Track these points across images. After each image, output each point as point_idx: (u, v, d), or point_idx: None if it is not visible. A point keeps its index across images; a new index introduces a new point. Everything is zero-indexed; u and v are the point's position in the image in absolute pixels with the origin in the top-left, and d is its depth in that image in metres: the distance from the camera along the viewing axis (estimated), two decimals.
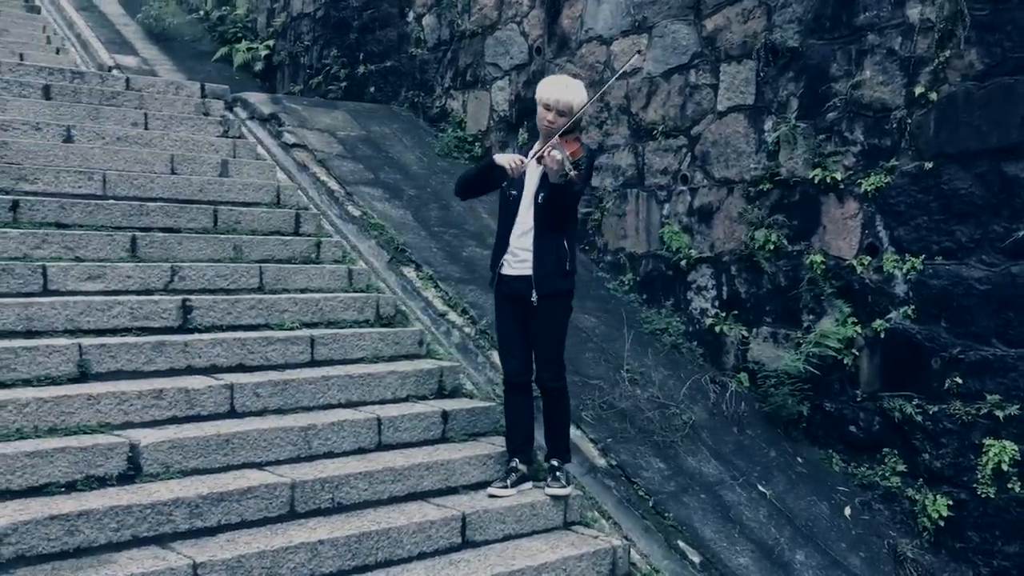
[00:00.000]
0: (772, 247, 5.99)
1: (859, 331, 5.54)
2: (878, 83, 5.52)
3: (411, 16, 9.55)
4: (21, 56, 10.03)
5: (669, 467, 5.28)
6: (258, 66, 11.98)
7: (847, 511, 5.31)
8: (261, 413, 4.61)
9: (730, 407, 5.90)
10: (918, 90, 5.30)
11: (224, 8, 13.00)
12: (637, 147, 7.02)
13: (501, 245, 4.65)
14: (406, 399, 5.16)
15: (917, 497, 5.21)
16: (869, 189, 5.51)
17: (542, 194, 4.46)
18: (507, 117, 8.27)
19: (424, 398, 5.23)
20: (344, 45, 10.53)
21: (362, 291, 6.06)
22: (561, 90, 4.49)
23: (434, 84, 9.18)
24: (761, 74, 6.18)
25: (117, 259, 5.40)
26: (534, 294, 4.45)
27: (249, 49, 12.05)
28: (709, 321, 6.38)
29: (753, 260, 6.12)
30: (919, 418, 5.23)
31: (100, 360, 4.49)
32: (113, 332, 4.78)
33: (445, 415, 4.99)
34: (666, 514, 4.88)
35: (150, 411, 4.29)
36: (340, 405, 4.90)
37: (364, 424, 4.66)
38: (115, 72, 10.00)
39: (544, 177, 4.44)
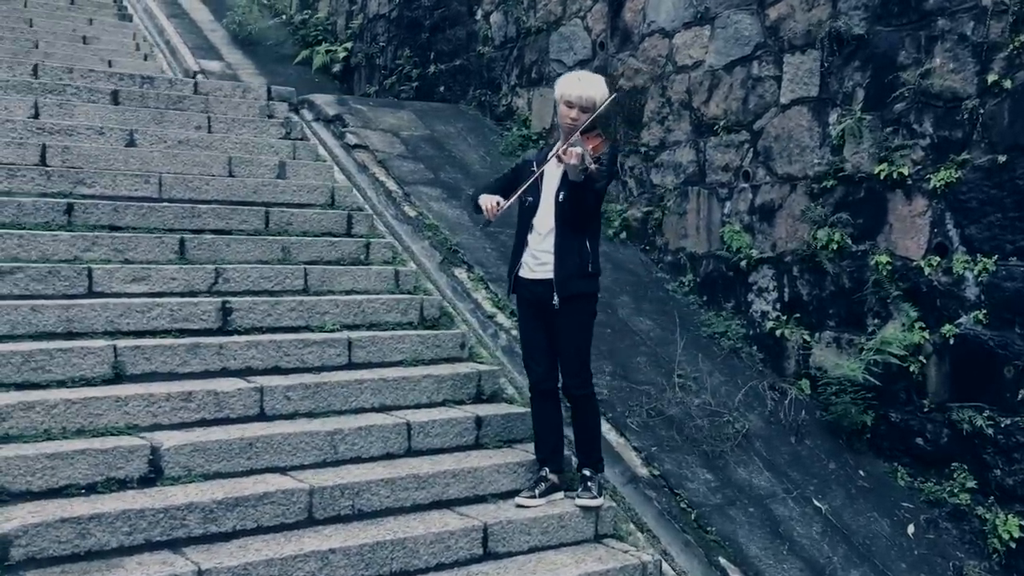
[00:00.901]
0: (835, 247, 5.67)
1: (927, 337, 5.18)
2: (948, 71, 5.15)
3: (479, 14, 9.47)
4: (110, 63, 10.36)
5: (717, 478, 5.04)
6: (336, 68, 12.09)
7: (910, 529, 4.97)
8: (291, 416, 4.58)
9: (788, 415, 5.61)
10: (991, 78, 4.92)
11: (306, 12, 13.19)
12: (699, 143, 6.77)
13: (519, 248, 4.52)
14: (442, 403, 5.07)
15: (987, 516, 4.84)
16: (938, 185, 5.14)
17: (563, 193, 4.30)
18: None
19: (461, 403, 5.12)
20: (416, 45, 10.53)
21: (409, 293, 5.99)
22: (584, 86, 4.33)
23: (501, 82, 9.08)
24: (825, 64, 5.86)
25: (166, 261, 5.46)
26: (555, 297, 4.29)
27: (328, 51, 12.17)
28: (770, 324, 6.09)
29: (816, 261, 5.81)
30: (990, 431, 4.85)
31: (135, 362, 4.53)
32: (152, 334, 4.83)
33: (479, 421, 4.87)
34: (708, 528, 4.65)
35: (179, 413, 4.31)
36: (373, 409, 4.83)
37: (393, 429, 4.58)
38: (199, 77, 10.24)
39: (566, 175, 4.28)
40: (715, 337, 6.26)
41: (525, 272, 4.47)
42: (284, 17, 13.42)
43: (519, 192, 4.39)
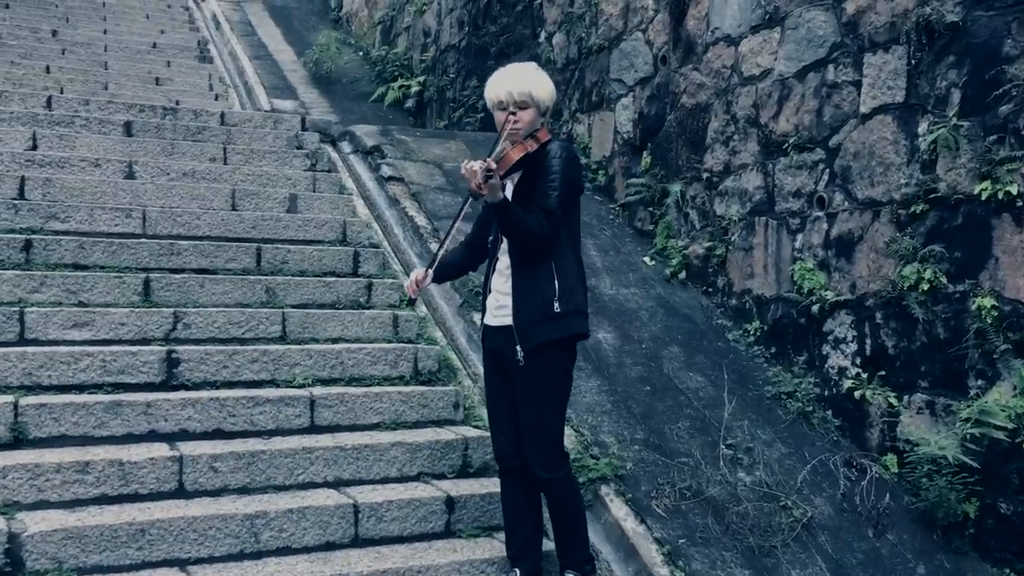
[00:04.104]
0: (927, 287, 4.50)
1: None
2: None
3: (543, 36, 8.66)
4: (177, 102, 10.06)
5: None
6: (409, 103, 11.52)
7: None
8: (217, 493, 3.76)
9: (867, 501, 4.44)
10: None
11: (384, 47, 12.74)
12: (767, 165, 5.69)
13: (485, 290, 3.59)
14: (415, 478, 4.15)
15: None
16: None
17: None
18: (631, 139, 7.14)
19: (441, 477, 4.19)
20: (483, 74, 9.78)
21: (408, 342, 5.12)
22: (509, 80, 3.39)
23: (562, 107, 8.20)
24: (913, 62, 4.73)
25: (126, 304, 4.79)
26: (519, 351, 3.32)
27: (401, 87, 11.63)
28: (848, 384, 4.92)
29: (903, 304, 4.65)
30: None
31: (40, 423, 3.82)
32: (79, 389, 4.13)
33: (450, 502, 3.92)
34: None
35: (71, 488, 3.55)
36: (325, 484, 3.96)
37: (335, 512, 3.69)
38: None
39: (516, 195, 3.33)
40: (781, 398, 5.13)
41: (488, 318, 3.54)
42: (362, 53, 13.00)
43: (440, 247, 3.54)
